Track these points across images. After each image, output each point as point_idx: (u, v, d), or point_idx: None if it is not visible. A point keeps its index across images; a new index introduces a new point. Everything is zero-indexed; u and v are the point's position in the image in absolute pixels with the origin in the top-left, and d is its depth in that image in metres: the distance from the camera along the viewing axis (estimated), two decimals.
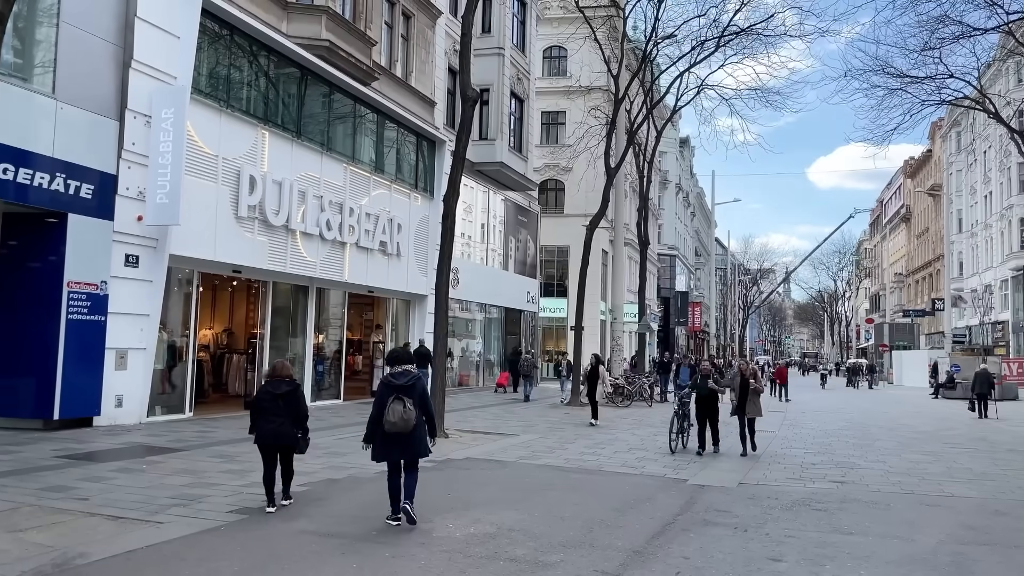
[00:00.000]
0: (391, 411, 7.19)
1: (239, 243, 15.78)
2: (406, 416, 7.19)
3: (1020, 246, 45.75)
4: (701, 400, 13.70)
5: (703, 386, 13.79)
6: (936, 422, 22.10)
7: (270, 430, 7.74)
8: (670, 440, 13.40)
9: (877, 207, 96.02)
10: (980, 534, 7.99)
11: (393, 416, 7.17)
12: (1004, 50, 35.06)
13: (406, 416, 7.19)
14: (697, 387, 13.96)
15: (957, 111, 50.05)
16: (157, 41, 13.77)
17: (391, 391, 7.32)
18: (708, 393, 13.75)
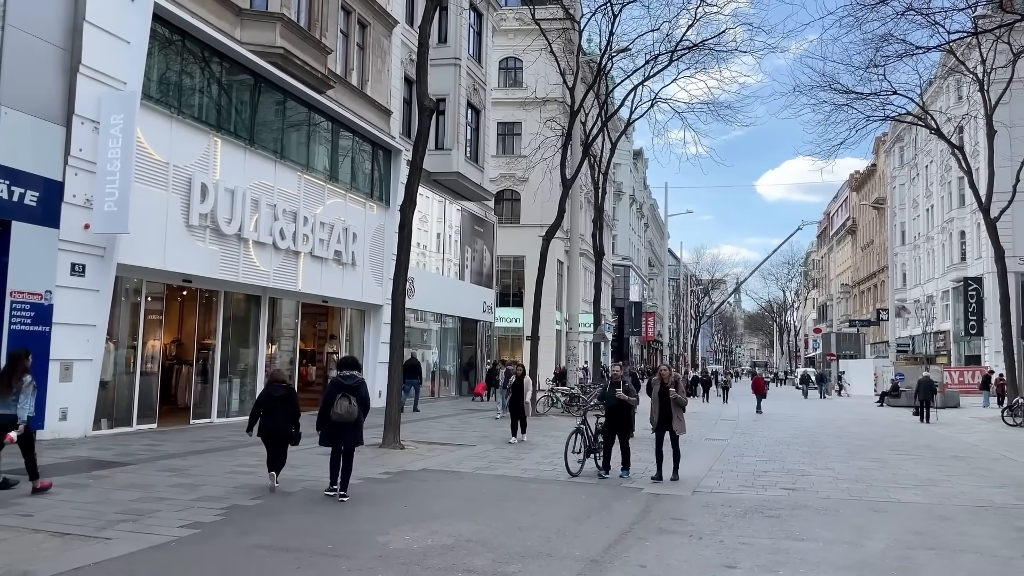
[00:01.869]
0: (339, 405, 8.86)
1: (190, 252, 15.50)
2: (351, 410, 8.88)
3: (960, 258, 47.27)
4: (609, 412, 11.91)
5: (611, 396, 11.88)
6: (882, 429, 22.66)
7: (271, 425, 9.32)
8: (566, 461, 11.68)
9: (824, 219, 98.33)
10: (926, 538, 8.20)
11: (340, 409, 8.85)
12: (945, 68, 36.33)
13: (351, 410, 8.88)
14: (604, 397, 12.22)
15: (900, 127, 51.67)
16: (106, 46, 13.48)
17: (339, 389, 8.98)
18: (617, 404, 11.79)
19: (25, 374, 8.67)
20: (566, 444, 11.88)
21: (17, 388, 8.49)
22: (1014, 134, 33.13)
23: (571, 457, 11.71)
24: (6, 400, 8.47)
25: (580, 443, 11.87)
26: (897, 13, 19.64)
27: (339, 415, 8.85)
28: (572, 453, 11.73)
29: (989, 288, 39.22)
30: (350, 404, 8.87)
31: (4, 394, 8.50)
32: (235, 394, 17.99)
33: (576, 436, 11.91)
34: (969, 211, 43.42)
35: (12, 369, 8.74)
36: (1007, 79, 27.39)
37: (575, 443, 11.87)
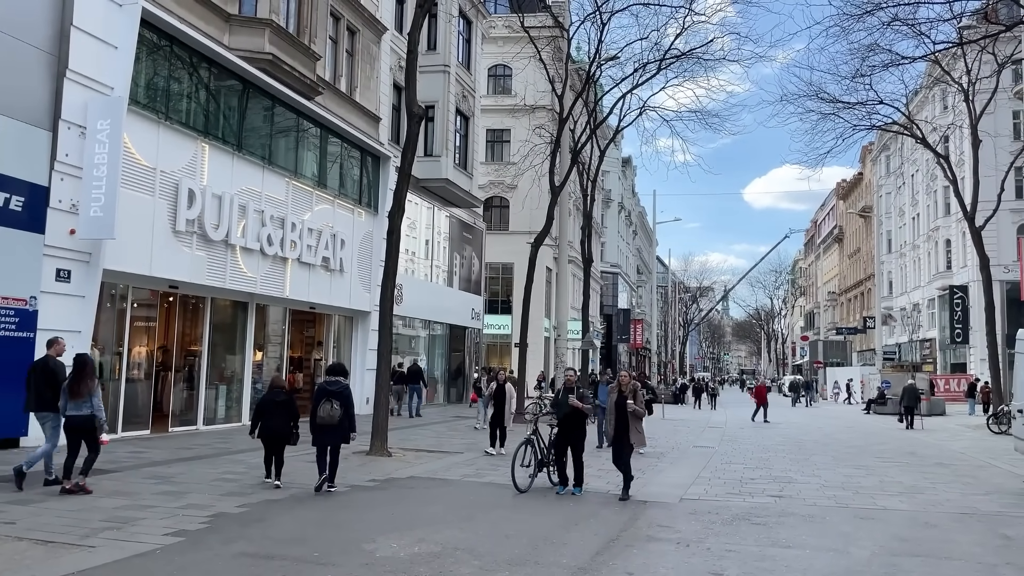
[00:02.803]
0: (322, 408, 9.84)
1: (176, 258, 15.43)
2: (332, 413, 9.84)
3: (946, 267, 47.63)
4: (563, 422, 10.85)
5: (563, 403, 10.85)
6: (868, 437, 22.76)
7: (271, 427, 10.23)
8: (513, 476, 10.59)
9: (811, 227, 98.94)
10: (912, 546, 8.24)
11: (323, 412, 9.82)
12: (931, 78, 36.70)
13: (332, 413, 9.84)
14: (557, 404, 11.17)
15: (887, 136, 52.10)
16: (93, 51, 13.43)
17: (324, 394, 9.98)
18: (570, 412, 10.75)
19: (93, 377, 9.46)
20: (513, 457, 10.87)
21: (88, 391, 9.27)
22: (998, 144, 33.48)
23: (519, 471, 10.70)
24: (79, 403, 9.23)
25: (530, 455, 10.96)
26: (883, 23, 19.84)
27: (322, 418, 9.85)
28: (521, 466, 10.73)
29: (974, 296, 39.54)
30: (332, 408, 9.85)
31: (77, 397, 9.24)
32: (221, 401, 17.90)
33: (525, 448, 10.93)
34: (954, 220, 43.80)
35: (82, 374, 9.36)
36: (991, 89, 27.68)
37: (524, 455, 10.89)
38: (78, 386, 9.24)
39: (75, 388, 9.24)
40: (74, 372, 9.43)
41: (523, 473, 10.75)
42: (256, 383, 18.47)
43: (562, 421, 10.86)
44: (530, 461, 10.85)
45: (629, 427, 10.41)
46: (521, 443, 10.97)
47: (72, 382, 9.31)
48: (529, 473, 10.85)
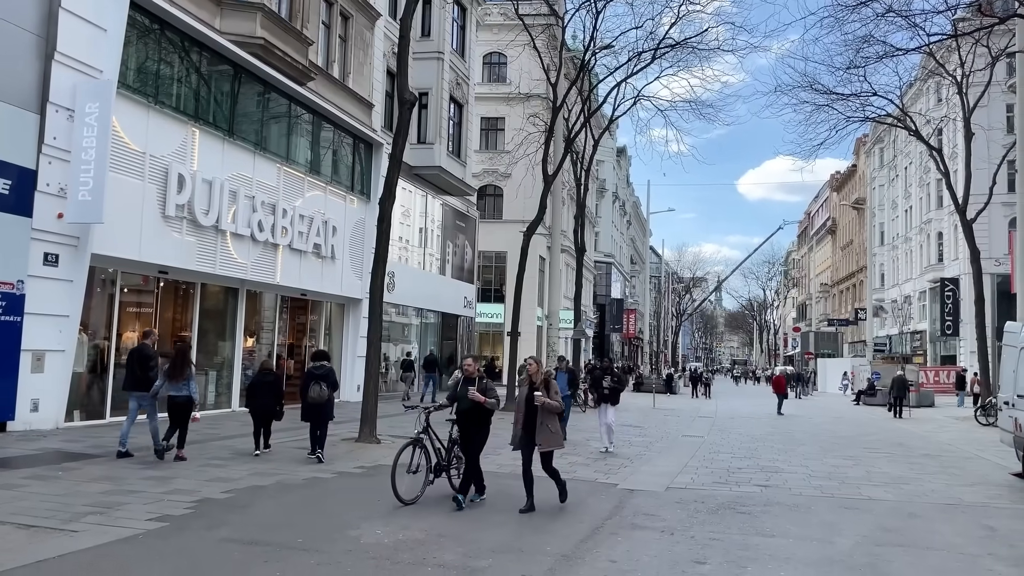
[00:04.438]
0: (312, 390, 11.44)
1: (166, 243, 15.36)
2: (322, 393, 11.44)
3: (938, 259, 47.78)
4: (461, 417, 9.05)
5: (463, 395, 8.90)
6: (856, 428, 22.88)
7: (261, 404, 11.88)
8: (394, 484, 8.49)
9: (805, 219, 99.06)
10: (895, 536, 8.28)
11: (313, 393, 11.43)
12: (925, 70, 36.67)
13: (322, 393, 11.44)
14: (456, 397, 9.11)
15: (880, 128, 52.11)
16: (82, 33, 13.32)
17: (312, 377, 11.63)
18: (470, 407, 8.86)
19: (190, 364, 11.11)
20: (395, 460, 8.70)
21: (187, 375, 10.83)
22: (991, 137, 33.54)
23: (404, 478, 8.61)
24: (178, 384, 10.75)
25: (419, 458, 8.87)
26: (878, 15, 19.83)
27: (312, 398, 11.42)
28: (407, 473, 8.69)
29: (965, 289, 39.68)
30: (321, 389, 11.43)
31: (177, 379, 10.75)
32: (211, 387, 17.86)
33: (413, 449, 8.85)
34: (947, 212, 43.89)
35: (182, 359, 10.99)
36: (985, 82, 27.67)
37: (411, 458, 8.81)
38: (179, 371, 10.75)
39: (174, 372, 10.74)
40: (175, 358, 10.96)
41: (410, 481, 8.71)
42: (247, 369, 18.42)
43: (461, 416, 9.03)
44: (419, 466, 8.86)
45: (538, 426, 8.70)
46: (406, 444, 8.97)
47: (172, 367, 10.77)
48: (422, 480, 8.91)
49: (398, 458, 8.76)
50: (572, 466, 12.41)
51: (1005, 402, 13.20)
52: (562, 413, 9.11)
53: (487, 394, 8.93)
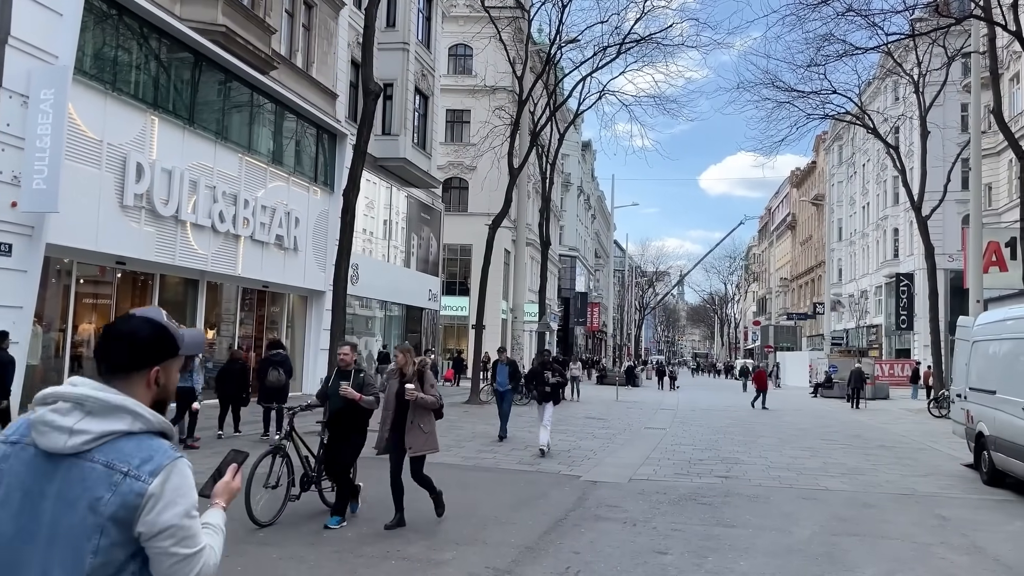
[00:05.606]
0: (270, 375, 12.83)
1: (124, 233, 15.05)
2: (280, 378, 12.85)
3: (894, 255, 48.77)
4: (334, 419, 7.61)
5: (333, 394, 7.52)
6: (814, 419, 23.31)
7: (227, 390, 13.05)
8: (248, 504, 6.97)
9: (765, 214, 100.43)
10: (851, 525, 8.47)
11: (271, 378, 12.78)
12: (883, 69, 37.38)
13: (280, 378, 12.85)
14: (328, 394, 7.73)
15: (840, 125, 53.01)
16: (37, 18, 12.96)
17: (269, 364, 13.01)
18: (343, 407, 7.46)
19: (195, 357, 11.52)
20: (251, 473, 7.17)
21: (191, 367, 11.48)
22: (946, 135, 34.28)
23: (260, 494, 7.29)
24: (182, 376, 10.80)
25: (281, 470, 7.56)
26: (838, 13, 20.11)
27: (271, 382, 12.73)
28: (264, 488, 7.37)
29: (919, 284, 40.58)
30: (279, 374, 12.80)
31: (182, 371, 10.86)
32: None
33: (273, 460, 7.54)
34: (903, 209, 44.79)
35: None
36: (941, 82, 28.30)
37: (270, 470, 7.49)
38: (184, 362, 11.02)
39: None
40: None
41: (268, 497, 7.37)
42: (207, 361, 18.13)
43: (334, 418, 7.60)
44: (279, 479, 7.52)
45: (409, 426, 7.38)
46: (265, 453, 7.61)
47: None
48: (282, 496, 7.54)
49: (254, 470, 7.24)
50: (536, 458, 12.49)
51: (957, 395, 13.54)
52: (439, 411, 7.66)
53: (364, 390, 7.41)
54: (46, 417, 1.76)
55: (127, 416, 1.78)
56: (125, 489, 1.71)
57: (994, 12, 20.49)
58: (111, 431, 1.75)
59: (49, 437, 1.74)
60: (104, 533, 1.69)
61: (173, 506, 1.74)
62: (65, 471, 1.73)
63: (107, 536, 1.69)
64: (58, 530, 1.70)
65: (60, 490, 1.72)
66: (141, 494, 1.71)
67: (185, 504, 1.77)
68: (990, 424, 11.22)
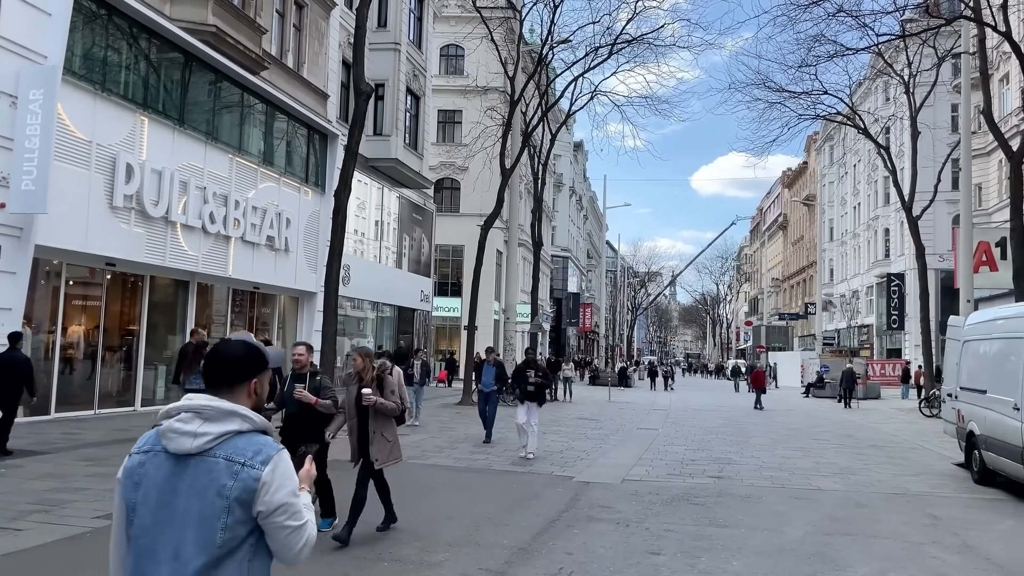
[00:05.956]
0: None
1: (114, 234, 14.96)
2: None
3: (885, 255, 48.97)
4: (289, 423, 7.17)
5: (289, 397, 7.04)
6: (806, 419, 23.37)
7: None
8: None
9: (757, 215, 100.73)
10: (843, 525, 8.48)
11: None
12: (874, 70, 37.53)
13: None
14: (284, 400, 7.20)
15: (831, 126, 53.18)
16: (26, 17, 12.87)
17: None
18: (299, 411, 7.02)
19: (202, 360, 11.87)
20: None
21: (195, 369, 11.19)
22: (936, 136, 34.47)
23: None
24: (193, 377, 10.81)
25: None
26: (829, 14, 20.13)
27: None
28: None
29: (910, 284, 40.76)
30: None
31: (189, 373, 11.41)
32: (160, 381, 17.49)
33: None
34: (893, 209, 44.98)
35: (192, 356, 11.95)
36: (931, 82, 28.41)
37: None
38: (191, 365, 11.80)
39: (189, 367, 11.84)
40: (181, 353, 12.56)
41: None
42: None
43: (289, 422, 7.17)
44: None
45: (372, 436, 7.03)
46: None
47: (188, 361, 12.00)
48: None
49: None
50: (527, 460, 12.46)
51: (948, 394, 13.59)
52: (400, 416, 7.32)
53: (321, 394, 6.99)
54: (173, 426, 2.18)
55: (237, 419, 2.20)
56: (244, 476, 2.12)
57: (984, 13, 20.58)
58: (226, 431, 2.18)
59: (177, 441, 2.16)
60: (231, 512, 2.11)
61: (282, 488, 2.15)
62: (193, 467, 2.14)
63: (232, 515, 2.12)
64: (191, 515, 2.12)
65: (191, 483, 2.13)
66: (257, 479, 2.12)
67: (291, 486, 2.18)
68: (981, 423, 11.26)
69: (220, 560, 2.11)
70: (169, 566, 2.10)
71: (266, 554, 2.20)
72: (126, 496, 2.22)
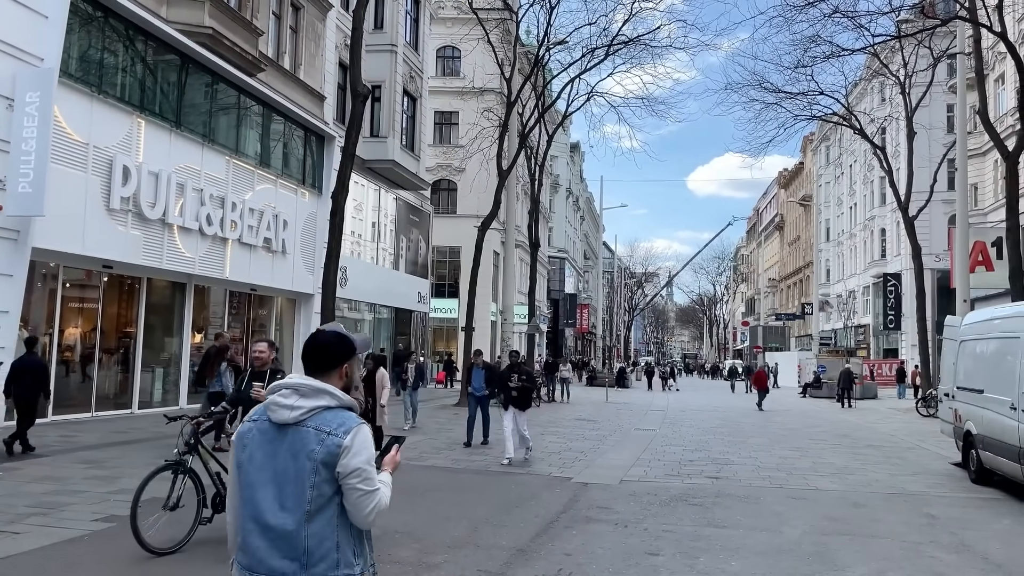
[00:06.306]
0: None
1: (111, 237, 14.94)
2: None
3: (881, 255, 49.04)
4: None
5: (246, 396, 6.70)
6: (803, 419, 23.40)
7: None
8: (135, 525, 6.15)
9: (753, 215, 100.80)
10: (841, 525, 8.50)
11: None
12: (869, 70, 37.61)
13: None
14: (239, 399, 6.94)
15: (827, 126, 53.28)
16: (22, 20, 12.85)
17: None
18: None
19: (218, 363, 12.17)
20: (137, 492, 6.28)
21: (215, 372, 12.08)
22: (932, 136, 34.52)
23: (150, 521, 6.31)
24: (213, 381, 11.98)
25: (181, 489, 6.54)
26: (825, 15, 20.16)
27: None
28: (164, 509, 6.43)
29: (907, 284, 40.83)
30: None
31: (212, 376, 12.08)
32: (158, 384, 17.48)
33: (174, 477, 6.55)
34: (889, 210, 45.05)
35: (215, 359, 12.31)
36: (927, 83, 28.48)
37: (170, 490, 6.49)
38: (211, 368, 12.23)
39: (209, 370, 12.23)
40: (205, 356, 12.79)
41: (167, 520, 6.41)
42: (194, 366, 18.04)
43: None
44: (177, 499, 6.50)
45: None
46: (159, 468, 6.55)
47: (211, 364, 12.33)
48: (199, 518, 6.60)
49: (143, 488, 6.28)
50: (527, 461, 12.47)
51: (945, 394, 13.62)
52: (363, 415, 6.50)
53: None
54: (276, 400, 2.61)
55: (327, 396, 2.62)
56: (329, 443, 2.54)
57: (979, 13, 20.64)
58: (317, 406, 2.59)
59: (278, 413, 2.59)
60: (317, 473, 2.52)
61: (359, 455, 2.55)
62: (291, 435, 2.57)
63: (319, 475, 2.52)
64: (288, 473, 2.54)
65: (287, 448, 2.56)
66: (339, 446, 2.53)
67: (366, 454, 2.58)
68: (978, 423, 11.29)
69: (312, 515, 2.52)
70: (273, 514, 2.53)
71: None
72: (237, 456, 2.67)
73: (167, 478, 6.55)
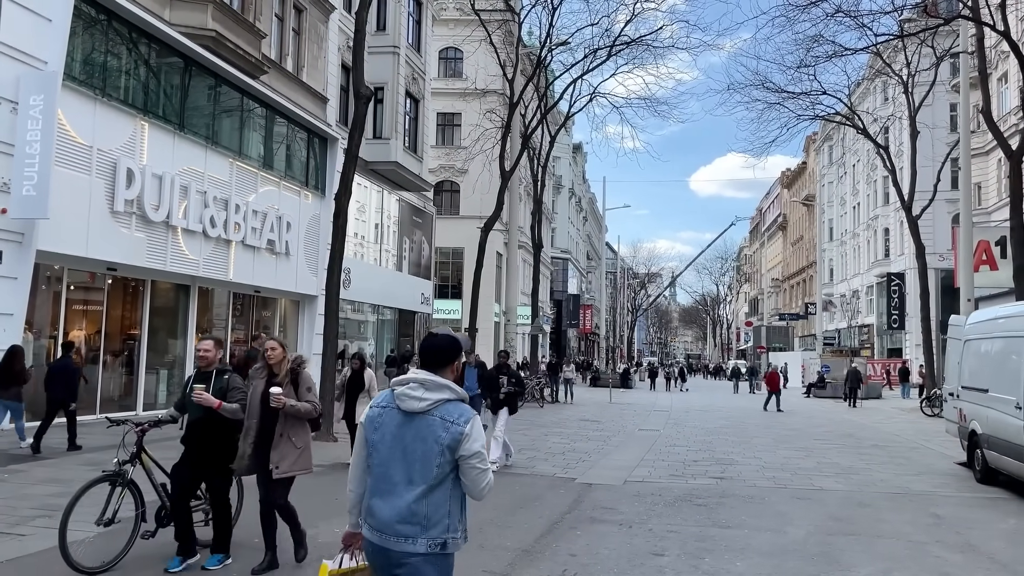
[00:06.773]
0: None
1: (114, 239, 14.98)
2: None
3: (884, 254, 48.97)
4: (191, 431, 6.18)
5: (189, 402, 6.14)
6: (807, 419, 23.37)
7: None
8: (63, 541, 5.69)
9: (756, 215, 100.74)
10: (846, 525, 8.48)
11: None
12: (872, 70, 37.59)
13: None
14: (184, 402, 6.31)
15: (830, 126, 53.22)
16: (26, 23, 12.90)
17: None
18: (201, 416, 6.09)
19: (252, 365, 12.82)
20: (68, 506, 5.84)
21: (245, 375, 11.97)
22: (936, 135, 34.48)
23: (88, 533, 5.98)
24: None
25: (121, 503, 6.08)
26: (827, 15, 20.14)
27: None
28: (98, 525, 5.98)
29: (911, 283, 40.76)
30: None
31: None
32: (162, 386, 17.50)
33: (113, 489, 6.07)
34: (893, 209, 45.01)
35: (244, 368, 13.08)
36: (930, 82, 28.45)
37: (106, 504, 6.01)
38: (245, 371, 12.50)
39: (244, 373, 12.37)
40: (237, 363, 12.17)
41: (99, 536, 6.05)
42: None
43: (191, 430, 6.16)
44: (113, 514, 6.01)
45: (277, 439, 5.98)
46: (94, 480, 6.08)
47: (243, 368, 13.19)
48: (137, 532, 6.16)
49: (74, 503, 5.81)
50: (531, 461, 12.49)
51: (950, 393, 13.59)
52: (315, 421, 6.34)
53: (228, 396, 6.01)
54: (405, 391, 3.15)
55: (447, 390, 3.16)
56: (453, 430, 3.10)
57: (982, 12, 20.60)
58: (440, 399, 3.14)
59: (408, 403, 3.14)
60: (442, 454, 3.09)
61: (477, 441, 3.13)
62: (418, 422, 3.12)
63: (443, 456, 3.09)
64: (416, 454, 3.10)
65: (415, 432, 3.12)
66: (461, 433, 3.10)
67: (482, 440, 3.16)
68: (983, 422, 11.26)
69: (433, 488, 3.09)
70: (403, 486, 3.10)
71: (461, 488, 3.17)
72: (368, 436, 3.23)
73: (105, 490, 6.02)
